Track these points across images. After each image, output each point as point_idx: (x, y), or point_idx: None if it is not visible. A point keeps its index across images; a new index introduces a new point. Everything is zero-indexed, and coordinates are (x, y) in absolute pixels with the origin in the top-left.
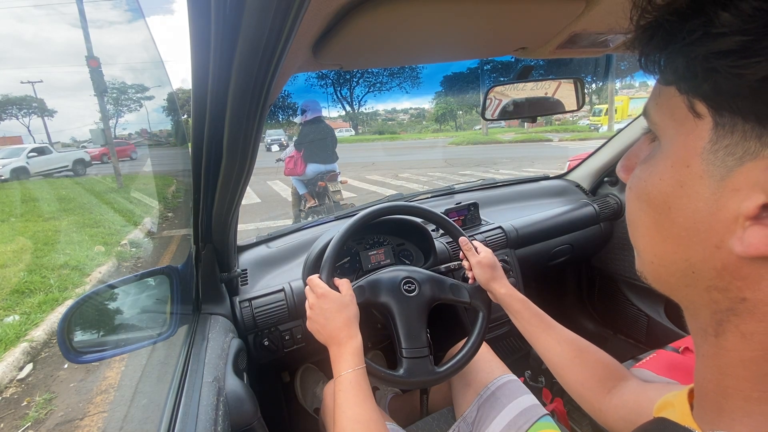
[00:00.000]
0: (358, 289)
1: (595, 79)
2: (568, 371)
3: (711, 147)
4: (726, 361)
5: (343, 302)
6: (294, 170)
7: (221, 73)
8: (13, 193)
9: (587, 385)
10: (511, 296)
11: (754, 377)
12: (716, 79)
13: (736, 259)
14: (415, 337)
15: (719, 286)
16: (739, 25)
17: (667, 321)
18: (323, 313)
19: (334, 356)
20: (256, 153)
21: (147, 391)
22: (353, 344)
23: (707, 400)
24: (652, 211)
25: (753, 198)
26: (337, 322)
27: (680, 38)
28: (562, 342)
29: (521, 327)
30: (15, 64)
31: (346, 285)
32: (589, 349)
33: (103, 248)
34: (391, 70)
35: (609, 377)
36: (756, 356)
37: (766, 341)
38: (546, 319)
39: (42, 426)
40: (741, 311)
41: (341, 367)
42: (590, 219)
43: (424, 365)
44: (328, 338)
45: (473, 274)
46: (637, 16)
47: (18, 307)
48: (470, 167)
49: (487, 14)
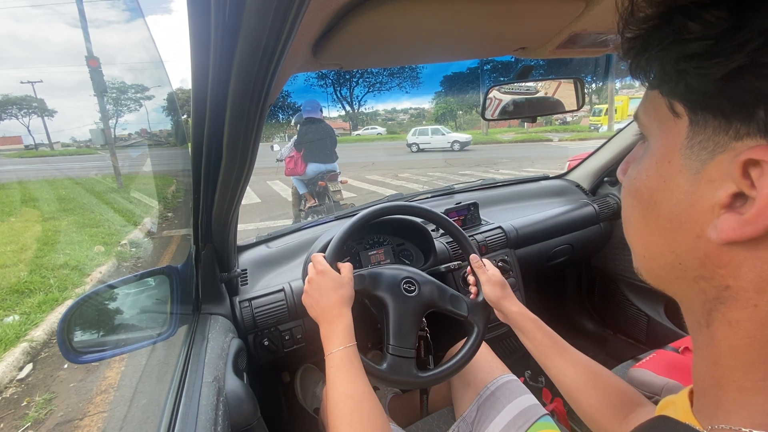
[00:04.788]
0: (358, 277)
1: (595, 79)
2: (583, 396)
3: (688, 143)
4: (718, 352)
5: (340, 282)
6: (294, 170)
7: (221, 73)
8: (13, 193)
9: (602, 411)
10: (523, 315)
11: (744, 366)
12: (687, 79)
13: (715, 248)
14: (405, 336)
15: (705, 275)
16: (702, 32)
17: (667, 321)
18: (319, 289)
19: (324, 333)
20: (256, 153)
21: (147, 391)
22: (343, 322)
23: (705, 395)
24: (641, 205)
25: (725, 188)
26: (331, 299)
27: (655, 45)
28: (577, 365)
29: (532, 348)
30: (13, 64)
31: (347, 268)
32: (603, 374)
33: (103, 248)
34: (391, 70)
35: (625, 403)
36: (743, 344)
37: (751, 328)
38: (559, 341)
39: (42, 426)
40: (726, 299)
41: (332, 345)
42: (590, 219)
43: (408, 367)
44: (319, 314)
45: (482, 290)
46: (622, 29)
47: (18, 307)
48: (470, 167)
49: (487, 14)
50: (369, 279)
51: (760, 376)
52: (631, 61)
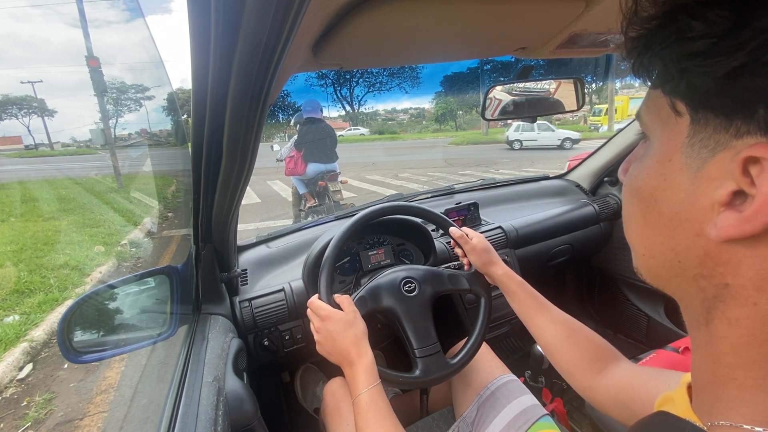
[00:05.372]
0: (359, 301)
1: (595, 79)
2: (560, 351)
3: (689, 141)
4: (717, 350)
5: (348, 320)
6: (294, 170)
7: (221, 73)
8: (13, 193)
9: (578, 364)
10: (509, 277)
11: (744, 364)
12: (688, 78)
13: (715, 246)
14: (425, 335)
15: (704, 273)
16: (705, 30)
17: (667, 321)
18: (331, 335)
19: (348, 377)
20: (256, 153)
21: (147, 391)
22: (365, 362)
23: (704, 391)
24: (641, 204)
25: (725, 186)
26: (346, 341)
27: (658, 44)
28: (556, 322)
29: (517, 308)
30: (13, 64)
31: (347, 301)
32: (581, 330)
33: (103, 248)
34: (391, 70)
35: (600, 358)
36: (744, 342)
37: (751, 326)
38: (541, 300)
39: (42, 426)
40: (726, 297)
41: (356, 389)
42: (590, 219)
43: (439, 361)
44: (340, 359)
45: (468, 260)
46: (626, 28)
47: (18, 307)
48: (470, 167)
49: (487, 14)
50: (370, 297)
51: (762, 374)
52: (634, 60)
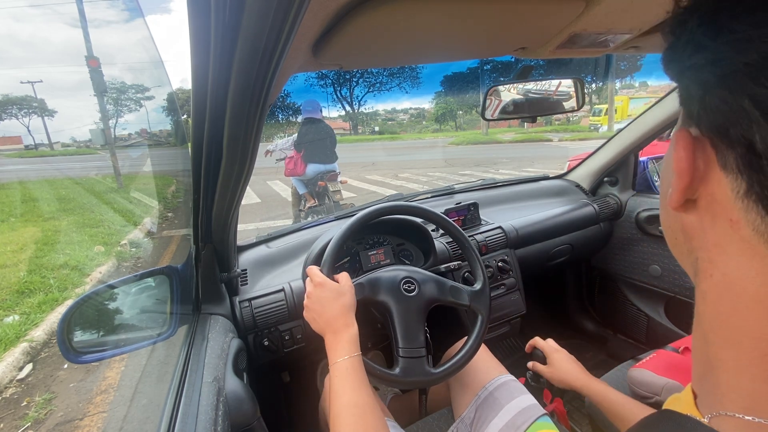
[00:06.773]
0: (357, 286)
1: (595, 79)
2: None
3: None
4: (702, 329)
5: (340, 291)
6: (294, 170)
7: (221, 73)
8: (13, 193)
9: None
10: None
11: (722, 342)
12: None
13: (684, 218)
14: (413, 337)
15: (689, 247)
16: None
17: (667, 321)
18: (320, 301)
19: (329, 344)
20: (256, 153)
21: (147, 391)
22: (350, 332)
23: (703, 382)
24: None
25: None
26: (334, 310)
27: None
28: None
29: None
30: (13, 64)
31: (345, 277)
32: None
33: (103, 248)
34: (391, 70)
35: None
36: (716, 318)
37: (715, 300)
38: None
39: (42, 426)
40: (699, 271)
41: (336, 354)
42: (590, 219)
43: (420, 366)
44: (324, 326)
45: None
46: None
47: (18, 307)
48: (470, 167)
49: (487, 14)
50: (368, 286)
51: (732, 354)
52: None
